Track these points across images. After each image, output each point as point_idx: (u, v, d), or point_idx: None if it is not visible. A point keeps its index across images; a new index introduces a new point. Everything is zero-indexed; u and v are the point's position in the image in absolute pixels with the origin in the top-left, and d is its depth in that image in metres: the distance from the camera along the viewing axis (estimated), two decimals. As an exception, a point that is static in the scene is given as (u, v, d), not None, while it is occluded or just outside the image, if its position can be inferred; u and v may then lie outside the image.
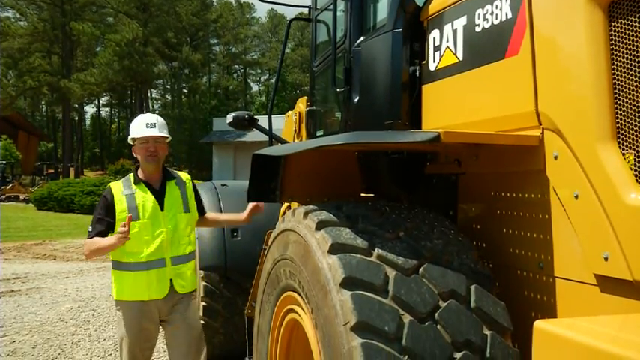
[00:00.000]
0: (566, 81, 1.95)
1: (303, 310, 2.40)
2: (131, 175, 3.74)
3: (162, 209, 3.63)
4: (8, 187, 34.99)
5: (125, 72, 48.26)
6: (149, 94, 62.19)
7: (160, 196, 3.66)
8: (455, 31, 2.49)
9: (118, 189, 3.65)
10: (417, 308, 1.90)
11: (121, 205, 3.56)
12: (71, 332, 6.58)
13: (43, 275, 10.45)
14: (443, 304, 1.94)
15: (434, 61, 2.64)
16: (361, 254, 2.05)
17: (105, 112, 79.76)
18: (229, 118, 4.66)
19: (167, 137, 3.72)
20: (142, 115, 3.78)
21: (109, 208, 3.58)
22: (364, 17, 3.18)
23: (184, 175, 3.95)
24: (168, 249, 3.60)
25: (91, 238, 3.59)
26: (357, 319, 1.84)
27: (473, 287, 2.03)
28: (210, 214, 4.12)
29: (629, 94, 1.81)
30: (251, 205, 3.85)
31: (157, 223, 3.58)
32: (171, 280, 3.60)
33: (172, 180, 3.77)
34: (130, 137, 3.69)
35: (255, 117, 4.68)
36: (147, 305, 3.60)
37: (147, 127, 3.61)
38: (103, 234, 3.57)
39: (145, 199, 3.61)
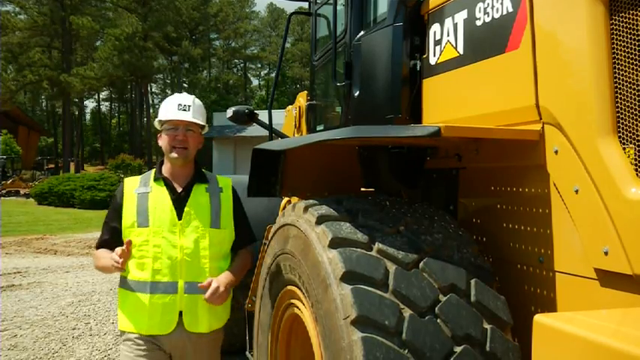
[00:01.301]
0: (567, 75, 1.95)
1: (304, 305, 2.40)
2: (153, 170, 2.98)
3: (179, 218, 2.79)
4: (8, 182, 35.00)
5: (125, 66, 48.19)
6: (149, 89, 62.14)
7: (180, 200, 2.83)
8: (455, 25, 2.48)
9: (132, 186, 2.89)
10: (417, 302, 1.90)
11: (129, 207, 2.81)
12: (72, 327, 6.59)
13: (43, 270, 10.47)
14: (443, 299, 1.95)
15: (434, 55, 2.64)
16: (361, 248, 2.06)
17: (105, 106, 79.74)
18: (229, 112, 4.65)
19: (203, 125, 2.93)
20: (176, 94, 2.97)
21: (117, 210, 2.85)
22: (364, 11, 3.17)
23: (224, 181, 3.02)
24: (183, 271, 2.74)
25: (96, 248, 2.94)
26: (358, 313, 1.85)
27: (473, 281, 2.03)
28: (241, 256, 3.03)
29: (630, 88, 1.80)
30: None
31: (170, 234, 2.76)
32: (181, 313, 2.74)
33: (203, 184, 2.91)
34: (156, 120, 2.91)
35: (256, 111, 4.67)
36: (151, 340, 2.78)
37: (179, 108, 2.83)
38: (110, 244, 2.86)
39: (160, 201, 2.81)
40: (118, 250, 2.64)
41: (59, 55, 50.81)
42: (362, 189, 3.31)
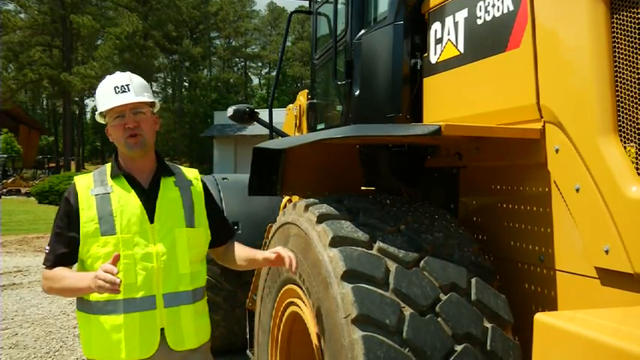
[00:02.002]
0: (568, 74, 1.95)
1: (304, 303, 2.40)
2: (108, 164, 2.48)
3: (151, 220, 2.33)
4: (9, 181, 35.00)
5: (125, 65, 48.05)
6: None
7: (149, 198, 2.36)
8: (456, 24, 2.48)
9: (85, 185, 2.38)
10: (417, 301, 1.91)
11: (88, 212, 2.31)
12: (73, 325, 6.59)
13: (44, 268, 10.47)
14: (444, 297, 1.95)
15: (435, 53, 2.63)
16: (362, 247, 2.06)
17: (105, 105, 79.69)
18: (230, 111, 4.65)
19: (151, 102, 2.42)
20: (107, 77, 2.46)
21: (72, 216, 2.33)
22: (365, 10, 3.17)
23: (191, 172, 2.58)
24: (160, 282, 2.30)
25: (50, 266, 2.36)
26: (358, 311, 1.85)
27: (474, 280, 2.03)
28: (237, 246, 2.61)
29: (631, 86, 1.80)
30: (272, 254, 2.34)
31: (142, 240, 2.30)
32: (162, 330, 2.30)
33: (170, 176, 2.46)
34: (96, 114, 2.45)
35: (256, 110, 4.67)
36: None
37: (117, 92, 2.34)
38: (66, 258, 2.36)
39: (126, 202, 2.33)
40: (109, 268, 2.06)
41: (60, 53, 50.81)
42: (362, 188, 3.31)
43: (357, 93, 3.06)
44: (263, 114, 4.81)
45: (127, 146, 2.35)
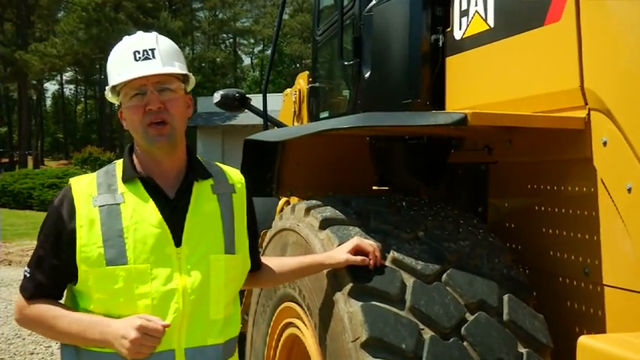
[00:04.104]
0: (618, 52, 1.95)
1: (305, 324, 2.41)
2: (118, 162, 2.05)
3: (178, 243, 1.92)
4: (-46, 180, 35.12)
5: (93, 42, 48.19)
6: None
7: (175, 212, 1.95)
8: (485, -7, 2.48)
9: (86, 192, 1.93)
10: (439, 322, 1.91)
11: (89, 230, 1.87)
12: (29, 351, 6.61)
13: (-4, 283, 10.49)
14: (470, 317, 1.96)
15: (460, 28, 2.64)
16: (373, 258, 2.06)
17: (69, 90, 79.84)
18: (217, 97, 4.67)
19: (184, 74, 2.02)
20: (126, 38, 2.02)
21: (62, 232, 1.90)
22: (377, -24, 3.17)
23: (234, 174, 2.17)
24: (183, 331, 1.89)
25: (28, 298, 1.95)
26: (369, 334, 1.85)
27: (506, 297, 2.04)
28: (274, 263, 2.26)
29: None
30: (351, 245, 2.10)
31: (164, 271, 1.88)
32: None
33: (206, 179, 2.05)
34: (107, 89, 2.01)
35: (248, 96, 4.68)
36: None
37: (137, 59, 1.91)
38: (48, 291, 1.94)
39: (143, 217, 1.90)
40: (156, 324, 1.78)
41: (13, 28, 50.92)
42: (374, 187, 3.31)
43: (368, 75, 3.06)
44: (256, 100, 4.82)
45: (146, 138, 1.92)
